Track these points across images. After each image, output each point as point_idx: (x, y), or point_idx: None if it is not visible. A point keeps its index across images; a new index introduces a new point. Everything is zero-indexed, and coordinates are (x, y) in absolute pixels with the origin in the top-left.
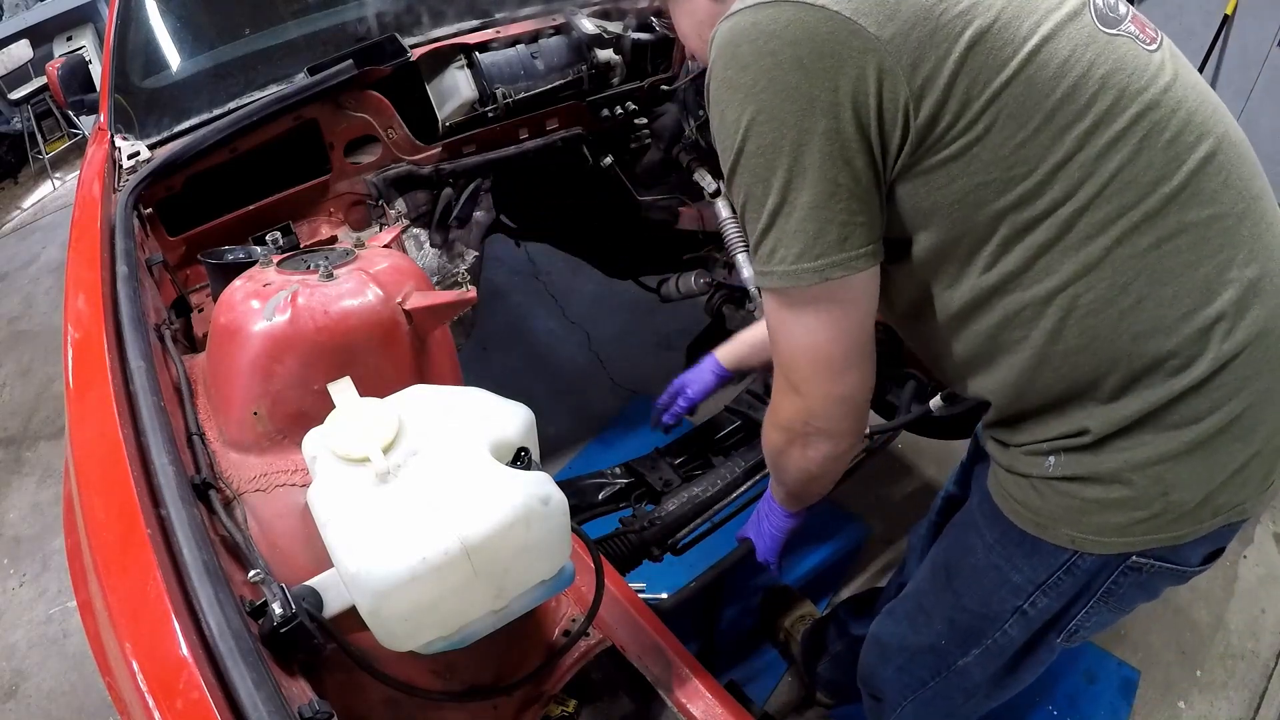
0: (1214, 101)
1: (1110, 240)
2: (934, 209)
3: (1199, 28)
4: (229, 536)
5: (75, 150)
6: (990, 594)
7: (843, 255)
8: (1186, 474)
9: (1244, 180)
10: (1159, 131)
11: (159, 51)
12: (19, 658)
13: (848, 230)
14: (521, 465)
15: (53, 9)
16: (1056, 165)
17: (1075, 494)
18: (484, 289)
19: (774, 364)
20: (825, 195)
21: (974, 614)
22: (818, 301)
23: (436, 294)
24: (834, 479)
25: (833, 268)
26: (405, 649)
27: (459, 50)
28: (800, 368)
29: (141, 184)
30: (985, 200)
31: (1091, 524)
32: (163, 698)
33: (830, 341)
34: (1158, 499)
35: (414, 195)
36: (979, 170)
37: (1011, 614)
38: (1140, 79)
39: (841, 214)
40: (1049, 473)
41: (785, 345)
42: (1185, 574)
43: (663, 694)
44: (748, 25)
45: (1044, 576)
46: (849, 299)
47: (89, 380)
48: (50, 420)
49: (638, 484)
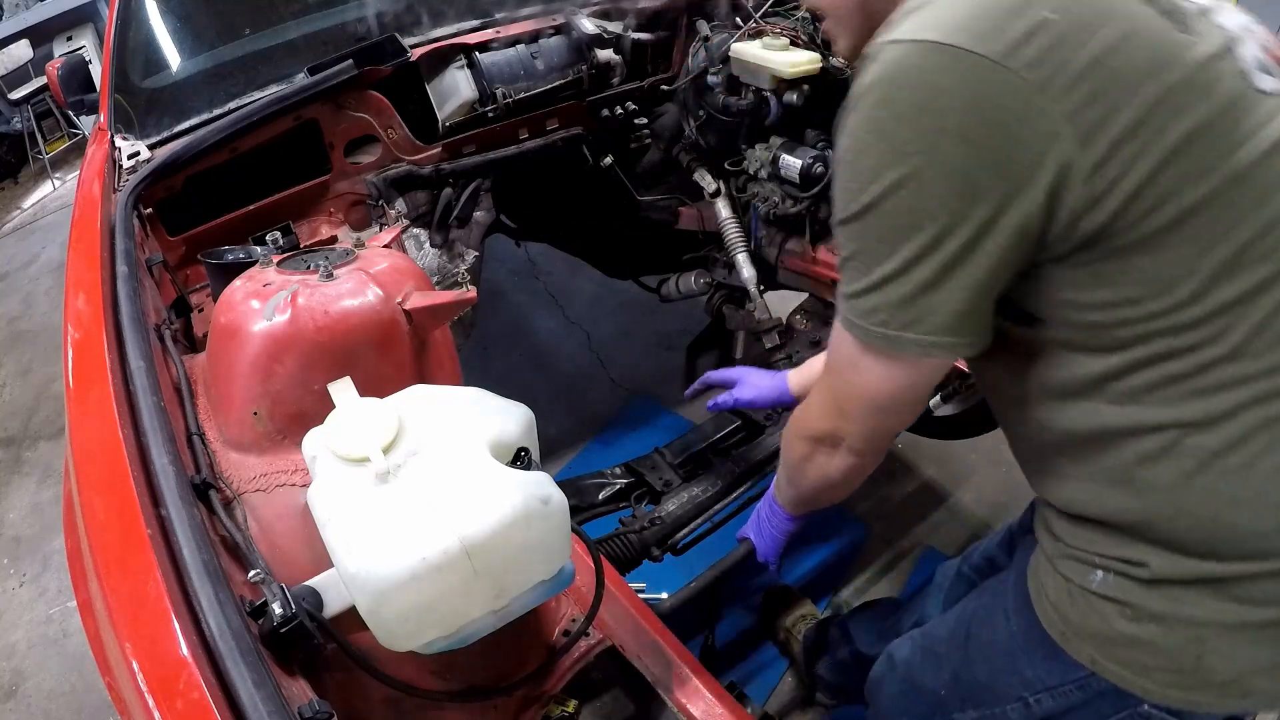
0: None
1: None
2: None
3: None
4: (229, 536)
5: (75, 150)
6: (999, 674)
7: (949, 340)
8: (1229, 648)
9: None
10: None
11: (159, 51)
12: (19, 658)
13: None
14: (521, 465)
15: (53, 9)
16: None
17: (1111, 619)
18: (484, 289)
19: (824, 380)
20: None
21: (980, 684)
22: (902, 362)
23: (436, 294)
24: (851, 490)
25: (935, 348)
26: (405, 649)
27: (459, 50)
28: (857, 400)
29: (141, 184)
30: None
31: (1117, 655)
32: (163, 698)
33: (899, 391)
34: (1190, 659)
35: (414, 195)
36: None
37: (1014, 700)
38: None
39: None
40: (1092, 586)
41: (849, 379)
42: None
43: (663, 694)
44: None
45: (1055, 682)
46: (934, 368)
47: (89, 380)
48: (50, 420)
49: (638, 484)
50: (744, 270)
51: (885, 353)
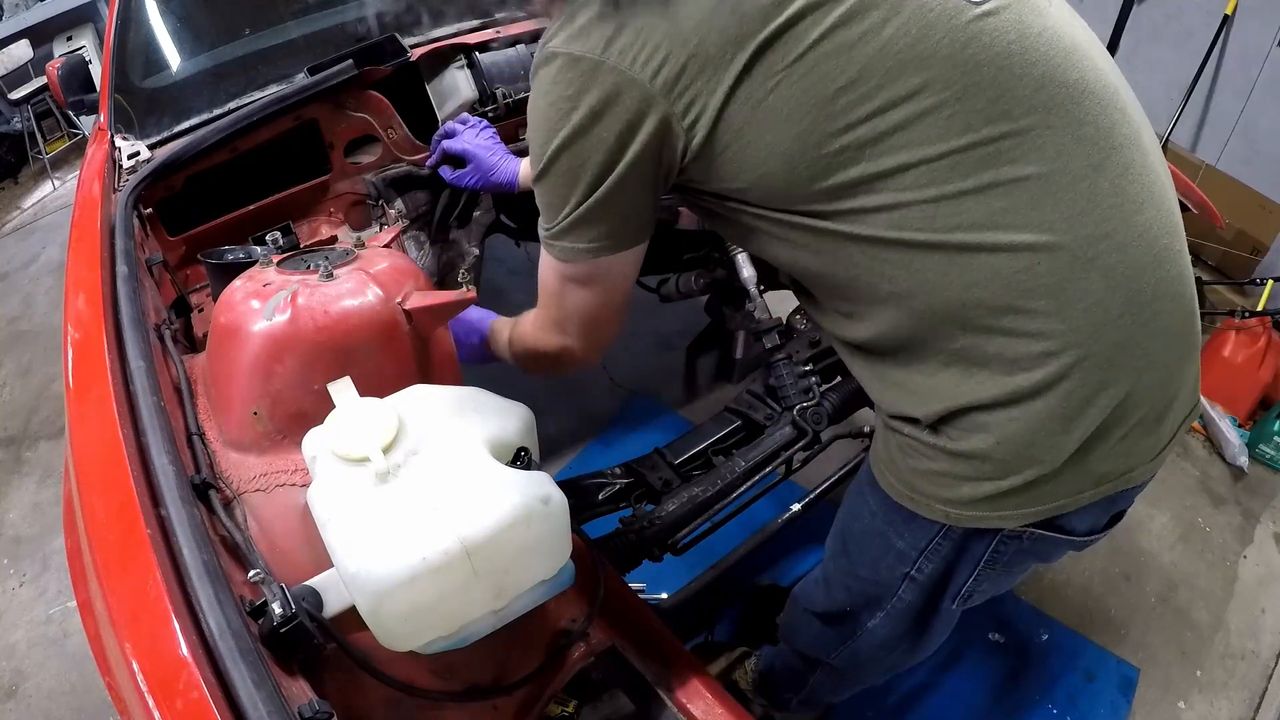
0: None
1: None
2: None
3: (1199, 28)
4: (229, 536)
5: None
6: (879, 560)
7: (611, 241)
8: (1043, 439)
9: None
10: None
11: (159, 51)
12: (19, 658)
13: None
14: (521, 465)
15: (53, 9)
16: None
17: (938, 460)
18: (484, 289)
19: (542, 308)
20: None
21: (868, 580)
22: (590, 273)
23: (436, 294)
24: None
25: (604, 249)
26: (405, 649)
27: (459, 50)
28: (573, 319)
29: (141, 184)
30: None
31: (961, 496)
32: (163, 698)
33: (600, 302)
34: (1020, 468)
35: (414, 195)
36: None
37: (902, 580)
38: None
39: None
40: (919, 436)
41: (562, 304)
42: (1077, 543)
43: (663, 694)
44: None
45: (924, 543)
46: (612, 268)
47: (89, 380)
48: (50, 420)
49: (638, 484)
50: (744, 270)
51: (577, 271)
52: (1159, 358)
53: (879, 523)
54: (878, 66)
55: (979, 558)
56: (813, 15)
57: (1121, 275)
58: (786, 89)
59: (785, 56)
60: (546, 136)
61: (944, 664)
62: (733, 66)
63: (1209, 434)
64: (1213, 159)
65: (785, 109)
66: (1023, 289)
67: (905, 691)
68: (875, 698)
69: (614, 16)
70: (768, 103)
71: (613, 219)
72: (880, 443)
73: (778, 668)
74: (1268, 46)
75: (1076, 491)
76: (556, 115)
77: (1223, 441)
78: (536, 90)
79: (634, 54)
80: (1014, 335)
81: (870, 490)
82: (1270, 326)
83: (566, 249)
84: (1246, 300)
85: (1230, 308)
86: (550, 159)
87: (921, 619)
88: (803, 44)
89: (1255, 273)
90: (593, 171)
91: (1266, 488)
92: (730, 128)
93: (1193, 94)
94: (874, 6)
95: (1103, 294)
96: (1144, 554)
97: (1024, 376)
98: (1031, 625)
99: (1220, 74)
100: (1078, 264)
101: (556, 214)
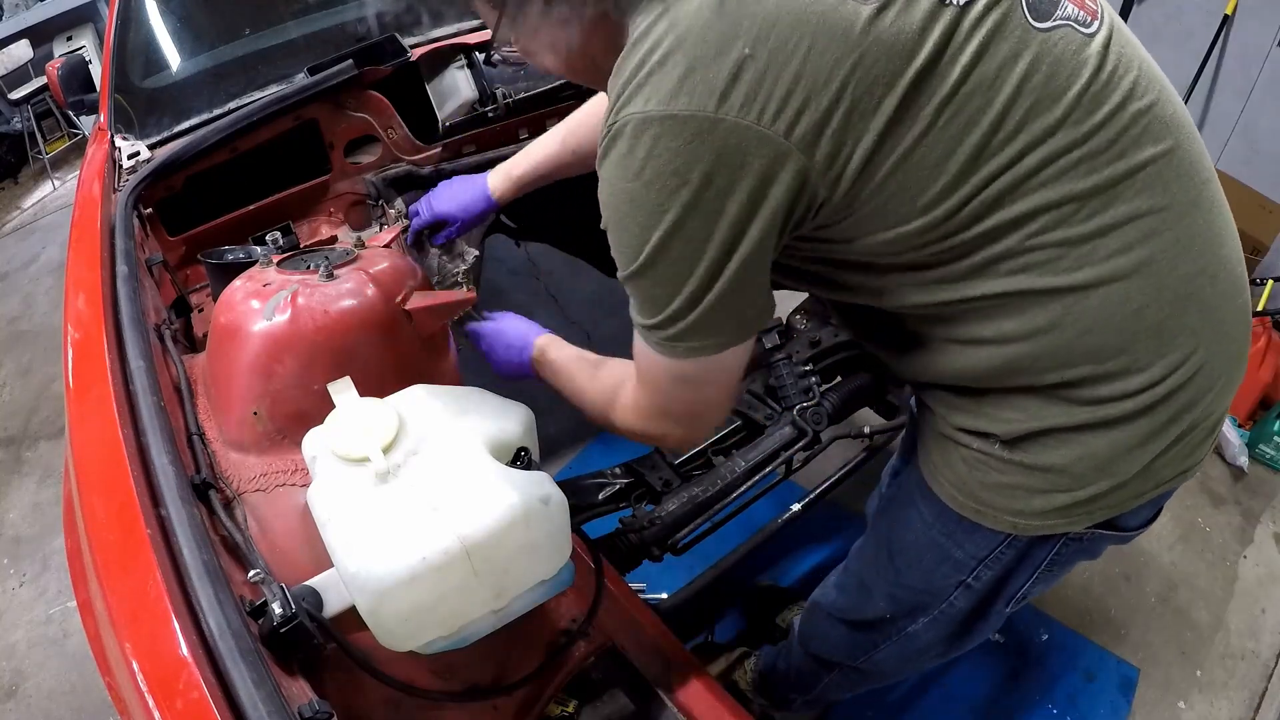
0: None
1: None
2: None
3: (1199, 28)
4: (229, 536)
5: (75, 150)
6: (932, 572)
7: (735, 336)
8: (1123, 455)
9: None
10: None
11: (159, 51)
12: (19, 658)
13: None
14: (521, 465)
15: (53, 9)
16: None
17: (1008, 473)
18: (484, 289)
19: (645, 391)
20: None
21: (917, 590)
22: (703, 369)
23: (436, 294)
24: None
25: (724, 344)
26: (405, 649)
27: (459, 50)
28: (680, 411)
29: (141, 184)
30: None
31: (1033, 507)
32: (163, 698)
33: (713, 397)
34: (1095, 480)
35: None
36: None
37: (956, 588)
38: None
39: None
40: (991, 451)
41: (669, 393)
42: (1127, 537)
43: (663, 694)
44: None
45: (985, 553)
46: (729, 361)
47: (89, 380)
48: (50, 420)
49: (638, 484)
50: None
51: (693, 370)
52: (1228, 379)
53: (935, 534)
54: (1018, 106)
55: (1039, 562)
56: (952, 47)
57: (1211, 306)
58: (935, 136)
59: (933, 97)
60: (648, 221)
61: (944, 664)
62: (881, 111)
63: None
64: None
65: (932, 158)
66: (1131, 332)
67: (905, 691)
68: (875, 697)
69: (719, 49)
70: (916, 154)
71: (743, 306)
72: (937, 453)
73: (779, 668)
74: (1268, 46)
75: (1140, 495)
76: (660, 195)
77: (1223, 441)
78: (617, 167)
79: (762, 103)
80: (1115, 375)
81: (924, 501)
82: (1270, 326)
83: (685, 348)
84: None
85: None
86: (657, 248)
87: (967, 623)
88: (948, 82)
89: (1255, 273)
90: (715, 253)
91: (1266, 488)
92: (874, 179)
93: (1193, 94)
94: (1003, 38)
95: (1197, 327)
96: (1144, 554)
97: (1114, 406)
98: (1031, 625)
99: (1220, 74)
100: (1179, 301)
101: (666, 308)
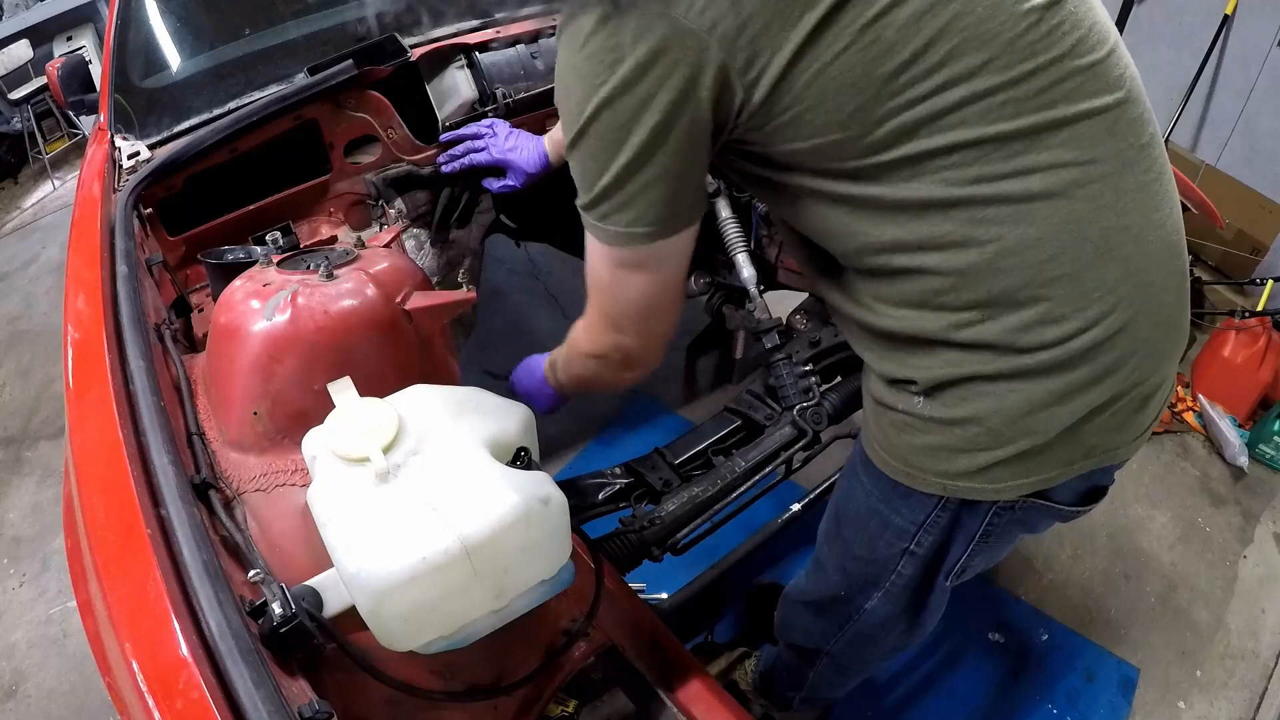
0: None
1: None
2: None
3: (1199, 28)
4: (229, 536)
5: (75, 150)
6: (876, 538)
7: (664, 219)
8: (1040, 410)
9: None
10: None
11: (159, 51)
12: (19, 658)
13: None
14: (521, 465)
15: (53, 9)
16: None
17: (934, 432)
18: (484, 289)
19: (593, 303)
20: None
21: (865, 560)
22: (643, 259)
23: (436, 294)
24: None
25: (656, 231)
26: (405, 649)
27: (459, 50)
28: (626, 311)
29: (141, 184)
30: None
31: (957, 467)
32: (163, 698)
33: (655, 291)
34: (1014, 438)
35: (414, 195)
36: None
37: (900, 556)
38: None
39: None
40: (915, 409)
41: (613, 294)
42: (1064, 513)
43: (663, 694)
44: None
45: (922, 517)
46: (668, 253)
47: (89, 380)
48: (50, 420)
49: (638, 484)
50: (744, 270)
51: (628, 256)
52: (1157, 346)
53: (875, 501)
54: (944, 42)
55: (974, 532)
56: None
57: (1137, 267)
58: (854, 56)
59: (855, 20)
60: (585, 92)
61: (944, 664)
62: (801, 25)
63: (1209, 434)
64: (1213, 159)
65: (849, 77)
66: (1045, 279)
67: (905, 691)
68: (875, 698)
69: None
70: (832, 69)
71: (670, 196)
72: (872, 421)
73: (778, 667)
74: (1267, 46)
75: (1067, 463)
76: (597, 68)
77: (1223, 441)
78: (569, 45)
79: (688, 2)
80: (1032, 324)
81: (864, 469)
82: (1270, 326)
83: (620, 234)
84: (1246, 300)
85: (1230, 308)
86: (590, 118)
87: (918, 596)
88: (874, 8)
89: (1255, 273)
90: (643, 133)
91: (1266, 488)
92: (791, 90)
93: (1192, 94)
94: None
95: (1116, 283)
96: (1144, 554)
97: (1030, 357)
98: (1031, 625)
99: (1220, 74)
100: (1098, 255)
101: (596, 182)
